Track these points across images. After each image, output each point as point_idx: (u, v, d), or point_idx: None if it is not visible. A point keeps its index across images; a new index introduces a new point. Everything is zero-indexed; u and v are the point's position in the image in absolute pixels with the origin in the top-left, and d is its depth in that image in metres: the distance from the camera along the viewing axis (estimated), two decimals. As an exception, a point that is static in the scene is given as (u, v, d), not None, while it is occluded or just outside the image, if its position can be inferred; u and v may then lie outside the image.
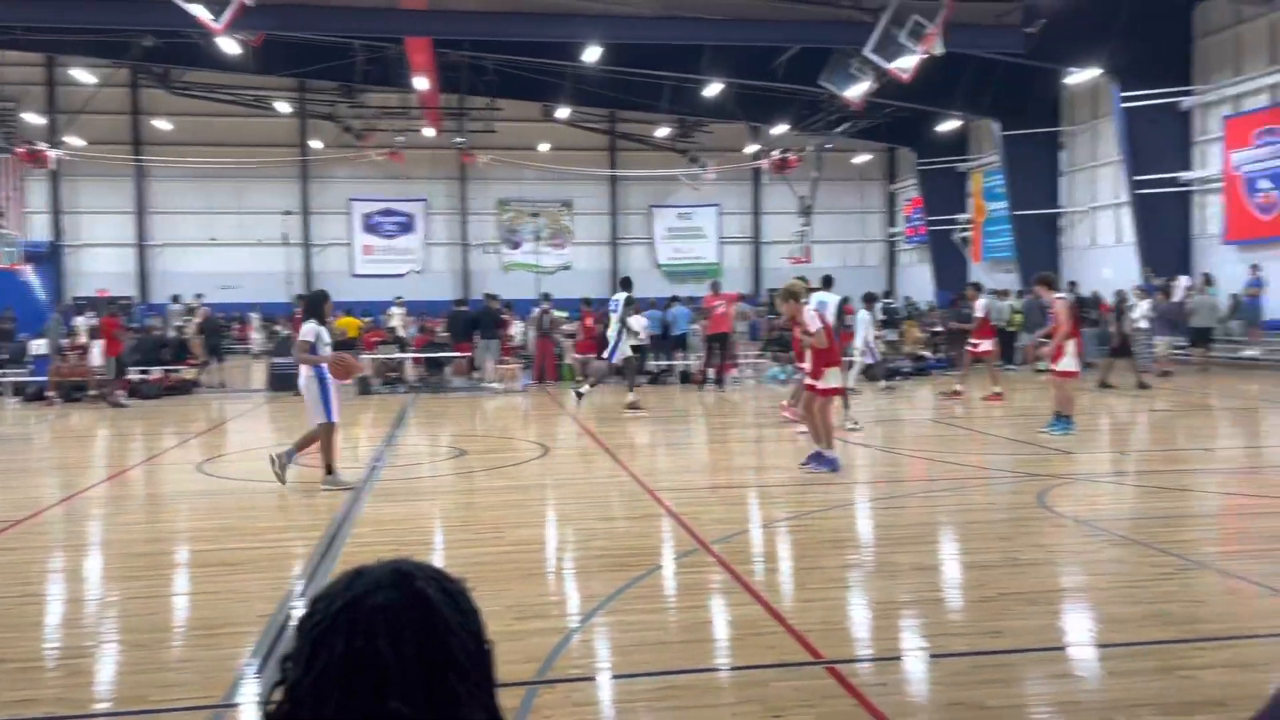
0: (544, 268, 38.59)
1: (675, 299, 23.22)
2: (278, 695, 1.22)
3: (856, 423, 13.00)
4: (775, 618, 5.30)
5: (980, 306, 17.02)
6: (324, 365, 9.26)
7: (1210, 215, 24.84)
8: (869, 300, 17.52)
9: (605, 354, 16.32)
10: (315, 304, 9.74)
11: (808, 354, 10.28)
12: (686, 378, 20.89)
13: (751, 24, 23.99)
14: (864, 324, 16.73)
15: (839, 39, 23.12)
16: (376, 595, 1.23)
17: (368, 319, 23.51)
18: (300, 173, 38.15)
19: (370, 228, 39.35)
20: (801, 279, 10.76)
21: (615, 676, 4.66)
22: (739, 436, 13.77)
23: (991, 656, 4.72)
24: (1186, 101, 24.91)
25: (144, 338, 22.24)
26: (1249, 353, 21.79)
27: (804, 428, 10.94)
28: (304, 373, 9.38)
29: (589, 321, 21.12)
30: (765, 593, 5.79)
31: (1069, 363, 12.15)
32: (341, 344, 21.81)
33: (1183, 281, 22.16)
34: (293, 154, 37.26)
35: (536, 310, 21.76)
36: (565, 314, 26.33)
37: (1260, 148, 22.35)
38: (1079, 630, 5.33)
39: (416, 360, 21.24)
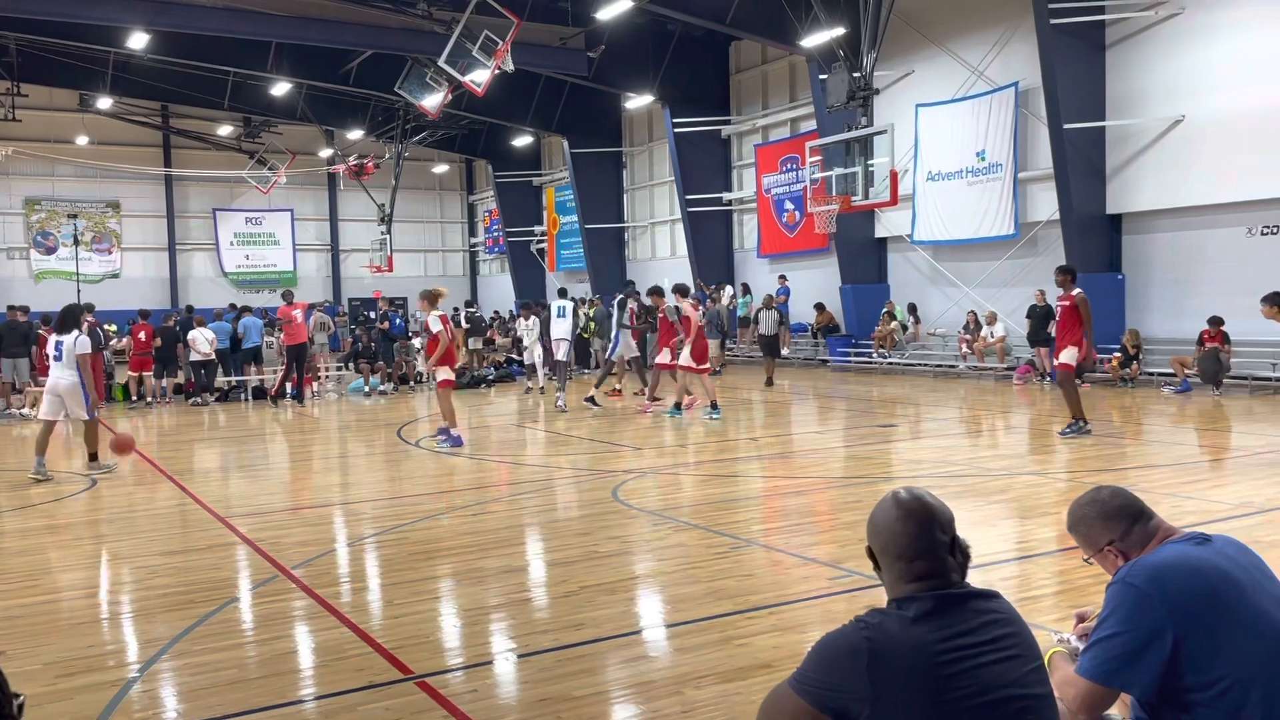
0: (87, 276, 34.31)
1: (245, 309, 21.72)
2: None
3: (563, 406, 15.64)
4: (363, 638, 5.16)
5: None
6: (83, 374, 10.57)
7: (748, 231, 28.18)
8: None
9: (606, 352, 16.33)
10: (75, 315, 10.68)
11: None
12: (261, 393, 19.65)
13: (321, 23, 23.07)
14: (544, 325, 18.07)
15: (413, 47, 23.07)
16: None
17: None
18: None
19: None
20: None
21: (184, 726, 4.25)
22: (322, 453, 13.21)
23: (575, 649, 4.95)
24: (726, 130, 28.05)
25: None
26: (783, 353, 24.90)
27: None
28: (70, 378, 10.48)
29: (141, 336, 19.08)
30: (352, 614, 5.60)
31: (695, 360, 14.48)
32: None
33: (728, 290, 24.85)
34: None
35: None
36: (114, 327, 23.61)
37: (785, 173, 25.73)
38: (651, 613, 5.77)
39: (-80, 386, 17.86)
